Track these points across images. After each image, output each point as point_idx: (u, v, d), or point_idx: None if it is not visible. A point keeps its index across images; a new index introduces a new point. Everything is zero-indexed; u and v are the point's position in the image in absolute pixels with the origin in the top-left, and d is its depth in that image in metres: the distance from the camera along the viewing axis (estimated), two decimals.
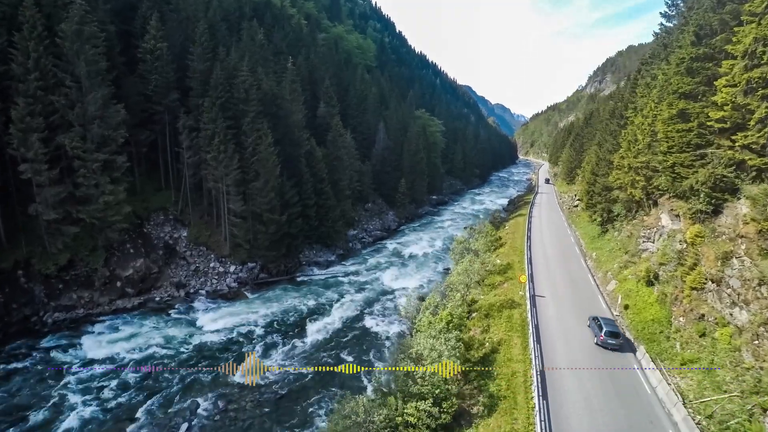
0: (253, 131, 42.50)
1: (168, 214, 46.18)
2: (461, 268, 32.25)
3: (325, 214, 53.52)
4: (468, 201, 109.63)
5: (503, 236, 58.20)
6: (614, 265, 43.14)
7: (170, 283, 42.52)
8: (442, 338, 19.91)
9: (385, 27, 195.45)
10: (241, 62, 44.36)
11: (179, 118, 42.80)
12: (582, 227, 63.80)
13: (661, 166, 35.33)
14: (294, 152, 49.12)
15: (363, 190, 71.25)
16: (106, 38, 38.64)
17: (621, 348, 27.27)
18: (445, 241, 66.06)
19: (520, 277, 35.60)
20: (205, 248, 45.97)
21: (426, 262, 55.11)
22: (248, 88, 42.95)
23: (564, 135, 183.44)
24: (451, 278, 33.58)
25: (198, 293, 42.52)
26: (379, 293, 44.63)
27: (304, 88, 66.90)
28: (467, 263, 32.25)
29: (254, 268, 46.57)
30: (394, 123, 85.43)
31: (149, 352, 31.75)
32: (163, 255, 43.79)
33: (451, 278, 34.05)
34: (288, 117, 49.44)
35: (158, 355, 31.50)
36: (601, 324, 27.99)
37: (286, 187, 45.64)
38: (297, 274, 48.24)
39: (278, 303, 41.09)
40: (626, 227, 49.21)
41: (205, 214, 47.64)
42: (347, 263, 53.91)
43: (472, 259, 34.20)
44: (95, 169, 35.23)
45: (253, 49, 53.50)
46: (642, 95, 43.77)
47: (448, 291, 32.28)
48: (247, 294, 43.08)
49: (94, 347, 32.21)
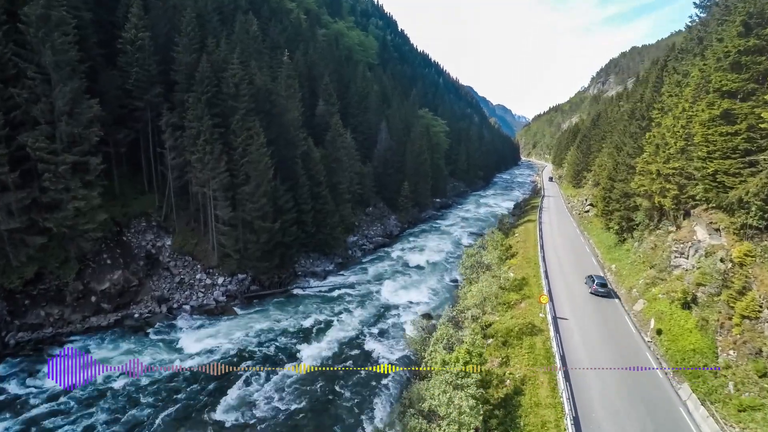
0: (243, 130, 38.60)
1: (151, 221, 42.27)
2: (476, 290, 28.41)
3: (323, 219, 49.64)
4: (472, 204, 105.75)
5: (513, 245, 54.33)
6: (639, 280, 39.31)
7: (151, 298, 38.63)
8: (462, 393, 16.04)
9: (387, 25, 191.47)
10: (232, 54, 40.41)
11: (162, 115, 38.89)
12: (596, 235, 60.02)
13: (699, 174, 31.46)
14: (289, 153, 45.23)
15: (364, 194, 67.38)
16: (79, 25, 34.75)
17: (608, 295, 36.53)
18: (450, 247, 62.24)
19: (540, 297, 31.74)
20: (191, 258, 42.08)
21: (431, 272, 51.23)
22: (238, 82, 39.03)
23: (568, 136, 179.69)
24: (465, 301, 29.68)
25: (182, 308, 38.63)
26: (380, 308, 40.75)
27: (301, 85, 62.96)
28: (483, 284, 28.40)
29: (245, 279, 42.69)
30: (397, 123, 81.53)
31: (119, 385, 27.79)
32: (144, 266, 39.88)
33: (465, 301, 30.12)
34: (283, 115, 45.55)
35: (129, 389, 27.51)
36: (594, 278, 37.64)
37: (280, 192, 41.74)
38: (292, 287, 44.35)
39: (270, 321, 37.21)
40: (649, 238, 45.39)
41: (191, 220, 43.74)
42: (346, 273, 50.04)
43: (488, 281, 30.30)
44: (64, 172, 31.31)
45: (246, 41, 49.57)
46: (670, 94, 39.86)
47: (459, 314, 28.42)
48: (236, 310, 39.18)
49: (58, 374, 28.32)
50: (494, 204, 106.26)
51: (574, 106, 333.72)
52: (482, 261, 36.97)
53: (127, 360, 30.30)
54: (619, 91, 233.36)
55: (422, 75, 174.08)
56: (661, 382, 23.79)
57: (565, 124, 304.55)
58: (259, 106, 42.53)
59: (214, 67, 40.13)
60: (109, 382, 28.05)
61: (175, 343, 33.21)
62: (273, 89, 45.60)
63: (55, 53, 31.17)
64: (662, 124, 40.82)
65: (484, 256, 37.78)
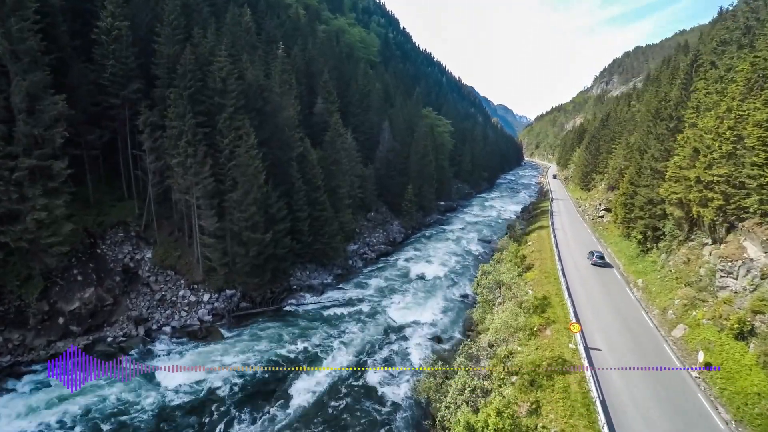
0: (230, 130, 34.45)
1: (129, 231, 38.10)
2: (500, 322, 24.17)
3: (321, 228, 45.46)
4: (477, 207, 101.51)
5: (528, 255, 50.09)
6: (674, 300, 35.06)
7: (128, 318, 34.46)
8: None
9: (389, 23, 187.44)
10: (219, 46, 36.22)
11: (141, 113, 34.72)
12: (614, 243, 55.83)
13: (755, 182, 27.26)
14: (283, 155, 41.07)
15: (365, 198, 63.22)
16: (44, 11, 30.64)
17: (605, 265, 44.66)
18: (458, 256, 58.06)
19: (570, 325, 27.52)
20: (173, 272, 37.92)
21: (438, 286, 47.03)
22: (226, 76, 34.85)
23: (573, 137, 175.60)
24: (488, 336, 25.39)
25: (162, 329, 34.50)
26: (383, 330, 36.56)
27: (299, 82, 58.83)
28: (508, 316, 24.20)
29: (233, 296, 38.53)
30: (400, 122, 77.34)
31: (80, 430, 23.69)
32: (120, 282, 35.74)
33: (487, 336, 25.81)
34: (277, 113, 41.39)
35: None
36: (594, 253, 46.06)
37: (272, 199, 37.57)
38: (286, 303, 40.17)
39: (260, 345, 33.03)
40: (680, 250, 41.15)
41: (175, 230, 39.59)
42: (346, 286, 45.85)
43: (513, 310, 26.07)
44: (20, 179, 27.18)
45: (238, 33, 45.37)
46: (709, 92, 35.61)
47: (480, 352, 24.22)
48: (222, 331, 35.02)
49: (8, 418, 24.21)
50: (501, 207, 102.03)
51: (577, 106, 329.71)
52: (500, 279, 32.71)
53: (94, 396, 26.16)
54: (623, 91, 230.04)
55: (425, 74, 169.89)
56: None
57: (569, 124, 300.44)
58: (250, 104, 38.39)
59: (199, 60, 35.99)
60: (70, 424, 23.94)
61: (152, 375, 29.06)
62: (266, 85, 41.42)
63: (12, 42, 27.06)
64: (698, 125, 36.60)
65: (502, 274, 33.53)
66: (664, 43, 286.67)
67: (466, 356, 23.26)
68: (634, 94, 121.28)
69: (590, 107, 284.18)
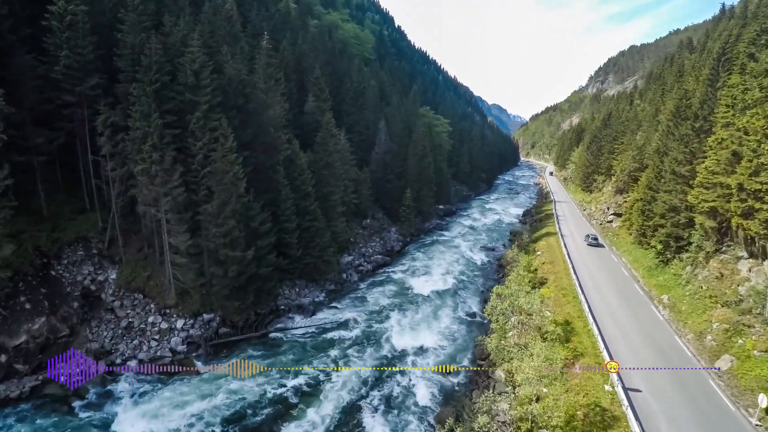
0: (204, 131, 29.75)
1: (90, 248, 33.21)
2: (532, 373, 19.73)
3: (311, 239, 40.89)
4: (477, 210, 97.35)
5: (539, 267, 45.92)
6: (711, 323, 30.97)
7: (87, 351, 29.63)
8: None
9: (384, 20, 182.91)
10: (192, 34, 31.44)
11: (101, 112, 29.88)
12: (627, 251, 51.94)
13: None
14: (268, 160, 36.44)
15: (360, 203, 58.65)
16: None
17: (598, 245, 53.75)
18: (461, 266, 53.76)
19: (607, 364, 23.21)
20: (141, 296, 33.08)
21: (442, 302, 42.65)
22: (199, 69, 30.10)
23: (571, 136, 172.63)
24: (520, 392, 20.84)
25: (127, 364, 29.70)
26: (383, 359, 32.08)
27: (288, 78, 54.17)
28: (539, 362, 19.82)
29: (212, 320, 33.80)
30: (397, 122, 72.83)
31: None
32: (79, 308, 30.87)
33: (519, 392, 21.22)
34: (261, 112, 36.70)
35: None
36: (589, 235, 55.59)
37: (255, 210, 32.90)
38: (272, 327, 35.53)
39: (241, 383, 28.31)
40: (710, 263, 37.20)
41: (144, 246, 34.76)
42: (340, 304, 41.30)
43: (544, 351, 21.72)
44: None
45: (217, 23, 40.57)
46: (747, 88, 31.56)
47: (500, 400, 19.78)
48: (198, 364, 30.28)
49: None
50: (501, 210, 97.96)
51: (573, 105, 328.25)
52: (518, 304, 28.34)
53: None
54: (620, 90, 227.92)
55: (421, 72, 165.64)
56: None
57: (565, 123, 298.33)
58: (229, 101, 33.69)
59: (169, 51, 31.23)
60: None
61: (110, 426, 24.35)
62: (249, 81, 36.68)
63: None
64: (735, 125, 32.51)
65: (519, 298, 29.17)
66: (659, 42, 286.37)
67: (489, 414, 18.85)
68: (636, 93, 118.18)
69: (586, 106, 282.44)
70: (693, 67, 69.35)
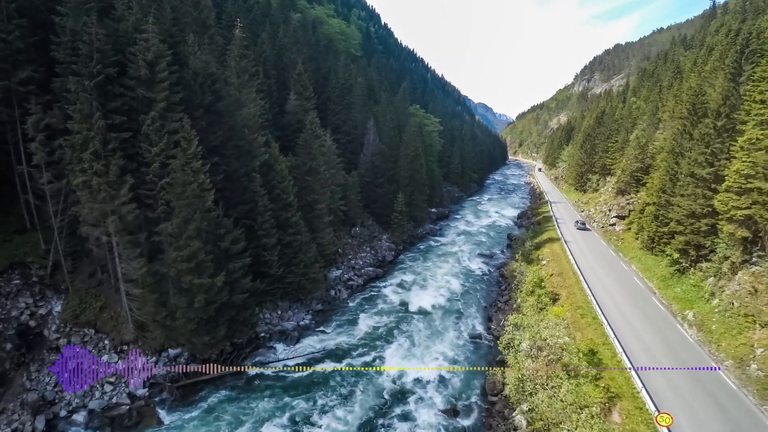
0: (162, 135, 24.70)
1: (29, 276, 27.76)
2: (565, 425, 15.42)
3: (294, 255, 36.08)
4: (471, 213, 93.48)
5: (547, 279, 41.92)
6: (753, 348, 27.27)
7: (22, 404, 24.27)
8: None
9: (370, 16, 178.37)
10: (146, 18, 26.31)
11: (32, 112, 24.57)
12: (636, 258, 48.54)
13: None
14: (242, 166, 31.49)
15: (348, 210, 53.97)
16: None
17: (585, 229, 62.25)
18: (459, 278, 49.56)
19: (657, 418, 19.03)
20: (93, 331, 27.77)
21: (442, 323, 38.32)
22: (154, 60, 25.03)
23: (561, 134, 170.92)
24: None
25: (73, 417, 24.51)
26: (379, 399, 27.46)
27: (267, 74, 49.17)
28: (571, 407, 15.50)
29: (179, 356, 28.75)
30: (387, 121, 68.24)
31: None
32: (14, 350, 25.43)
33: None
34: (234, 111, 31.70)
35: None
36: (578, 221, 65.33)
37: (226, 227, 27.91)
38: (250, 361, 30.60)
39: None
40: (738, 275, 33.67)
41: (98, 271, 29.42)
42: (328, 328, 36.58)
43: (574, 396, 17.38)
44: None
45: (182, 8, 35.38)
46: None
47: None
48: (160, 414, 25.25)
49: None
50: (495, 213, 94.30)
51: (560, 103, 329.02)
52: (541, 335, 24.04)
53: None
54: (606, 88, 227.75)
55: (409, 70, 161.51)
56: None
57: (553, 121, 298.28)
58: (195, 98, 28.62)
59: (118, 40, 26.05)
60: None
61: None
62: (218, 75, 31.64)
63: None
64: None
65: (543, 329, 24.89)
66: (644, 41, 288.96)
67: None
68: (629, 91, 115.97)
69: (574, 104, 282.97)
70: (695, 63, 66.50)
